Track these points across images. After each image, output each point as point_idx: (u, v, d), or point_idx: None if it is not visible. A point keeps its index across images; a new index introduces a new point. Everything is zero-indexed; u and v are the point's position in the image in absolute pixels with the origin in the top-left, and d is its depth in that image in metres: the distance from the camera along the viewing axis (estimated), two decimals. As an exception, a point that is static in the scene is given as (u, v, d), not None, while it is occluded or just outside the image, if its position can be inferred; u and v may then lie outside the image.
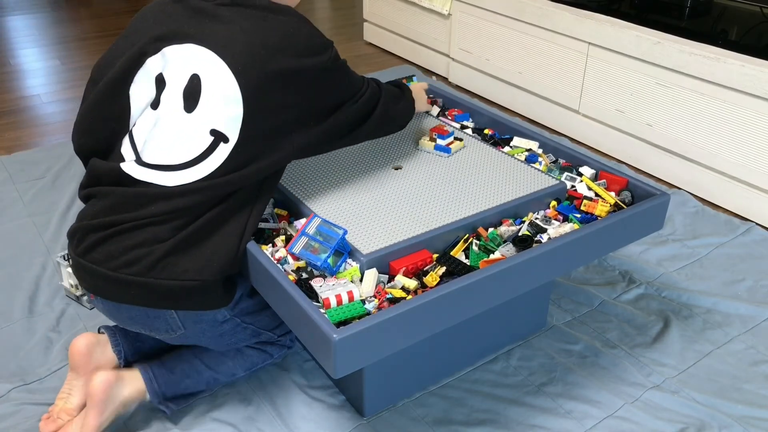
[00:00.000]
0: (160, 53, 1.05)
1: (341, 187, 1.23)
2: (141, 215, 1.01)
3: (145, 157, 1.04)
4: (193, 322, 1.08)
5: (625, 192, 1.27)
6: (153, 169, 1.02)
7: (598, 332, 1.38)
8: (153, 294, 1.02)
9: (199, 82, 1.02)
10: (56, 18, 3.58)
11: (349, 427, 1.16)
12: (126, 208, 1.02)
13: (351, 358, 0.89)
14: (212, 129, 1.01)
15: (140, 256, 1.00)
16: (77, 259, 1.05)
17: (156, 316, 1.05)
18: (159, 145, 1.03)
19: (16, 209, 1.80)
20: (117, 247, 1.01)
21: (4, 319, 1.40)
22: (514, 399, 1.22)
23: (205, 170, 1.01)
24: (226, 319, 1.11)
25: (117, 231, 1.01)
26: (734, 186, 1.80)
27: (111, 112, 1.10)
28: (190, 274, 1.01)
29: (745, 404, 1.21)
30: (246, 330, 1.16)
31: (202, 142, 1.02)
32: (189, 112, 1.02)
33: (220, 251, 1.02)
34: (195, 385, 1.18)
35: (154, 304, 1.03)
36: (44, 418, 1.14)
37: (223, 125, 1.01)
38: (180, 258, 1.01)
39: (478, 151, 1.37)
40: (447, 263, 1.06)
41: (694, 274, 1.56)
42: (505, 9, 2.31)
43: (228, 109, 1.00)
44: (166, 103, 1.04)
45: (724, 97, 1.74)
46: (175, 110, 1.03)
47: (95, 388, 1.09)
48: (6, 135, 2.25)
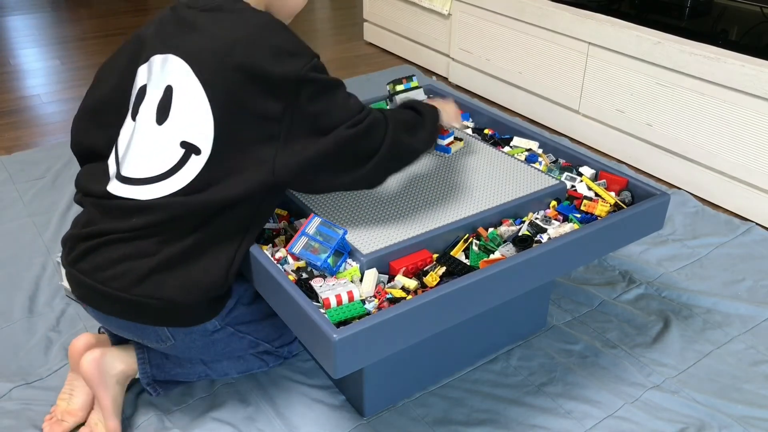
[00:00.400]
0: (147, 62, 1.05)
1: (341, 187, 1.23)
2: (124, 227, 1.00)
3: (123, 170, 1.03)
4: (183, 333, 1.07)
5: (625, 192, 1.27)
6: (129, 184, 1.02)
7: (598, 332, 1.38)
8: (136, 310, 1.01)
9: (171, 93, 1.00)
10: (56, 18, 3.58)
11: (349, 427, 1.16)
12: (111, 219, 1.02)
13: (351, 358, 0.89)
14: (182, 141, 0.99)
15: (125, 270, 0.99)
16: (68, 267, 1.05)
17: (145, 328, 1.05)
18: (135, 158, 1.02)
19: (16, 209, 1.80)
20: (104, 258, 1.01)
21: (4, 319, 1.40)
22: (514, 399, 1.22)
23: (179, 183, 0.99)
24: (216, 328, 1.10)
25: (104, 242, 1.01)
26: (734, 186, 1.80)
27: (109, 120, 1.11)
28: (174, 294, 1.00)
29: (745, 404, 1.21)
30: (242, 340, 1.16)
31: (173, 154, 1.00)
32: (160, 124, 1.01)
33: (207, 276, 1.01)
34: (186, 375, 1.18)
35: (138, 319, 1.03)
36: (47, 419, 1.14)
37: (194, 137, 0.99)
38: (165, 277, 0.99)
39: (478, 151, 1.37)
40: (447, 263, 1.06)
41: (694, 274, 1.56)
42: (505, 9, 2.31)
43: (197, 120, 0.98)
44: (142, 114, 1.03)
45: (724, 97, 1.74)
46: (148, 122, 1.02)
47: (86, 369, 1.09)
48: (6, 135, 2.25)
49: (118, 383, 1.12)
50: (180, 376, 1.18)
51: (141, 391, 1.22)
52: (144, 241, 1.00)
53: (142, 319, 1.03)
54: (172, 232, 1.00)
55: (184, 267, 1.00)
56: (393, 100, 1.57)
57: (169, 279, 0.99)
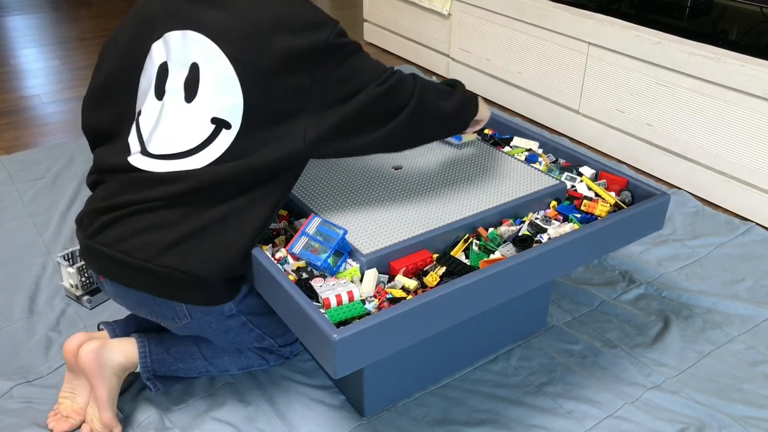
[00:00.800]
0: (162, 39, 1.04)
1: (341, 187, 1.23)
2: (150, 197, 1.00)
3: (150, 147, 1.03)
4: (200, 312, 1.07)
5: (625, 192, 1.27)
6: (158, 159, 1.02)
7: (598, 332, 1.38)
8: (157, 281, 1.01)
9: (197, 71, 1.01)
10: (56, 18, 3.58)
11: (349, 427, 1.16)
12: (135, 190, 1.02)
13: (351, 358, 0.89)
14: (213, 117, 1.00)
15: (149, 241, 0.99)
16: (86, 241, 1.04)
17: (163, 302, 1.05)
18: (163, 136, 1.02)
19: (16, 209, 1.80)
20: (126, 229, 1.01)
21: (4, 319, 1.40)
22: (514, 399, 1.22)
23: (209, 156, 1.00)
24: (232, 313, 1.11)
25: (128, 212, 1.01)
26: (734, 186, 1.80)
27: (119, 97, 1.10)
28: (196, 266, 1.00)
29: (745, 404, 1.21)
30: (252, 333, 1.16)
31: (203, 130, 1.01)
32: (189, 102, 1.01)
33: (229, 250, 1.01)
34: (186, 370, 1.18)
35: (159, 292, 1.03)
36: (51, 415, 1.15)
37: (224, 113, 1.00)
38: (189, 248, 1.00)
39: (478, 151, 1.37)
40: (447, 263, 1.06)
41: (694, 274, 1.56)
42: (505, 9, 2.31)
43: (226, 96, 0.99)
44: (169, 93, 1.03)
45: (724, 97, 1.75)
46: (176, 101, 1.02)
47: (84, 359, 1.09)
48: (6, 135, 2.25)
49: (115, 375, 1.12)
50: (181, 371, 1.18)
51: (141, 389, 1.22)
52: (169, 211, 1.00)
53: (163, 290, 1.03)
54: (198, 202, 1.00)
55: (208, 238, 1.00)
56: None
57: (192, 250, 0.99)
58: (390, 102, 1.04)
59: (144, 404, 1.19)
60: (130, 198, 1.01)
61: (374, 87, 1.02)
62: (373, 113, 1.03)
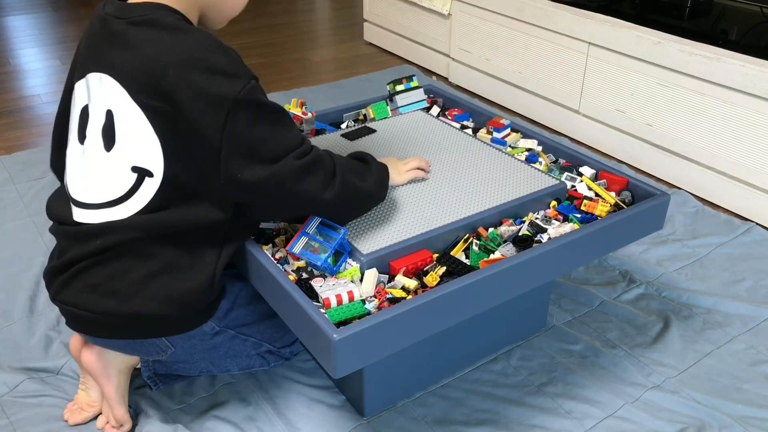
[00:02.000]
0: (84, 79, 1.01)
1: (341, 187, 1.23)
2: (94, 250, 0.98)
3: (75, 194, 1.01)
4: (182, 339, 1.07)
5: (625, 192, 1.27)
6: (87, 209, 1.00)
7: (598, 332, 1.38)
8: (128, 328, 1.01)
9: (112, 118, 0.96)
10: (56, 18, 3.58)
11: (349, 427, 1.16)
12: (77, 245, 1.00)
13: (351, 358, 0.89)
14: (133, 166, 0.96)
15: (107, 292, 0.98)
16: (52, 301, 1.05)
17: (143, 342, 1.05)
18: (88, 184, 1.00)
19: (16, 209, 1.80)
20: (83, 285, 0.99)
21: (5, 318, 1.40)
22: (514, 399, 1.22)
23: (136, 205, 0.97)
24: (216, 331, 1.10)
25: (79, 269, 0.99)
26: (734, 186, 1.80)
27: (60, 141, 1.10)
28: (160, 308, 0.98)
29: (745, 404, 1.21)
30: (246, 342, 1.16)
31: (126, 179, 0.97)
32: (108, 151, 0.98)
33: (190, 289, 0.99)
34: (187, 369, 1.18)
35: (132, 336, 1.03)
36: (69, 406, 1.17)
37: (144, 161, 0.95)
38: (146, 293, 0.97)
39: (478, 151, 1.37)
40: (447, 263, 1.06)
41: (694, 274, 1.56)
42: (505, 9, 2.31)
43: (144, 144, 0.95)
44: (90, 139, 1.00)
45: (724, 97, 1.75)
46: (96, 148, 0.99)
47: (87, 361, 1.10)
48: (6, 135, 2.25)
49: (121, 372, 1.12)
50: (182, 370, 1.18)
51: (140, 387, 1.22)
52: (116, 262, 0.98)
53: (136, 333, 1.03)
54: (141, 250, 0.97)
55: (163, 282, 0.98)
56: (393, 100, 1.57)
57: (150, 294, 0.97)
58: (306, 181, 0.96)
59: (144, 403, 1.19)
60: (77, 253, 0.99)
61: (293, 159, 0.94)
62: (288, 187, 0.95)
